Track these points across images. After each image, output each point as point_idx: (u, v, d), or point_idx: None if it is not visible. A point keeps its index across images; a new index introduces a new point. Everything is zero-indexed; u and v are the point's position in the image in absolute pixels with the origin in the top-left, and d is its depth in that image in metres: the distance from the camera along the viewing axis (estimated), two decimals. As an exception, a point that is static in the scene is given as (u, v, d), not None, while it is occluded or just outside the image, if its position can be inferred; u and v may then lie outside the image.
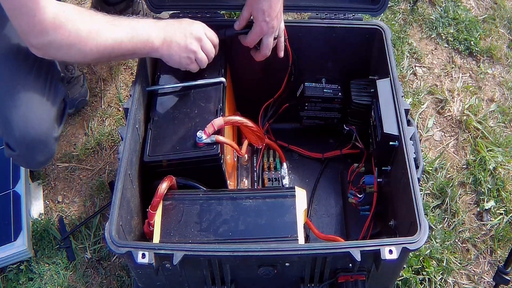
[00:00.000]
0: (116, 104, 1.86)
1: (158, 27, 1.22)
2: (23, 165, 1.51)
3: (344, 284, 1.11)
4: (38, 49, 1.13)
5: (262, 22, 1.28)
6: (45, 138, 1.26)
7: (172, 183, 1.18)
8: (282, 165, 1.54)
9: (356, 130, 1.49)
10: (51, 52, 1.14)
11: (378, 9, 1.41)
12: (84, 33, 1.11)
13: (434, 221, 1.58)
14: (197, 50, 1.25)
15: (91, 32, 1.12)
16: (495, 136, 1.75)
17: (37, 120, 1.23)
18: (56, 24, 1.08)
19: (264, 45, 1.33)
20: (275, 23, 1.30)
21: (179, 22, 1.27)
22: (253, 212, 1.15)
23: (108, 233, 1.03)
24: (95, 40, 1.13)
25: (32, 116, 1.22)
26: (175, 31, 1.23)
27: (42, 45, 1.11)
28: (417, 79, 1.91)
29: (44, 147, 1.27)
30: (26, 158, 1.29)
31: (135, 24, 1.20)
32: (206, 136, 1.19)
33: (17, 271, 1.53)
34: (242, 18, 1.33)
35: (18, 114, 1.21)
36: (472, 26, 2.01)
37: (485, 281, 1.51)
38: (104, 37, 1.14)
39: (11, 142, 1.26)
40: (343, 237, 1.44)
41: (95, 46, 1.13)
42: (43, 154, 1.29)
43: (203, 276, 1.10)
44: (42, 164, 1.35)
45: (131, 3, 1.87)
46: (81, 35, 1.11)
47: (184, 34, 1.24)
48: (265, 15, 1.27)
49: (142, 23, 1.21)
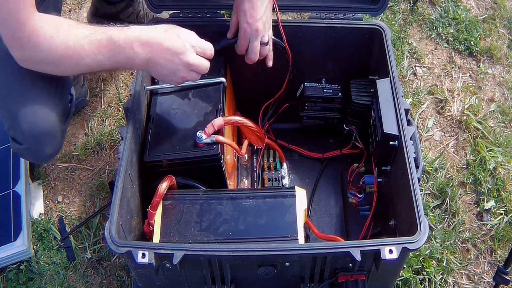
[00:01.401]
0: (116, 104, 1.86)
1: (140, 44, 1.09)
2: (30, 159, 1.49)
3: (344, 284, 1.11)
4: (20, 61, 1.13)
5: (245, 24, 1.27)
6: (53, 130, 1.25)
7: (172, 183, 1.18)
8: (282, 165, 1.54)
9: (356, 130, 1.49)
10: (31, 66, 1.15)
11: (378, 9, 1.41)
12: (60, 52, 1.08)
13: (434, 221, 1.58)
14: (187, 75, 1.15)
15: (68, 50, 1.08)
16: (495, 136, 1.75)
17: (45, 112, 1.23)
18: (32, 42, 1.07)
19: (249, 49, 1.31)
20: (260, 25, 1.27)
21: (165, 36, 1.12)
22: (253, 212, 1.15)
23: (108, 232, 1.03)
24: (72, 60, 1.10)
25: (39, 108, 1.22)
26: (160, 53, 1.11)
27: (22, 59, 1.12)
28: (417, 79, 1.91)
29: (52, 139, 1.27)
30: (34, 151, 1.29)
31: (115, 40, 1.09)
32: (206, 136, 1.19)
33: (17, 271, 1.53)
34: (231, 25, 1.32)
35: (25, 108, 1.21)
36: (472, 26, 2.01)
37: (485, 281, 1.51)
38: (79, 56, 1.09)
39: (18, 136, 1.25)
40: (343, 237, 1.44)
41: (73, 65, 1.11)
42: (51, 146, 1.29)
43: (203, 276, 1.10)
44: (50, 157, 1.34)
45: (131, 2, 1.87)
46: (57, 54, 1.09)
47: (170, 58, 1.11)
48: (247, 16, 1.26)
49: (122, 38, 1.09)
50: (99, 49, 1.09)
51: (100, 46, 1.09)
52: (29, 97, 1.22)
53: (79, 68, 1.12)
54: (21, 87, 1.21)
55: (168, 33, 1.12)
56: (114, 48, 1.09)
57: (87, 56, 1.09)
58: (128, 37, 1.10)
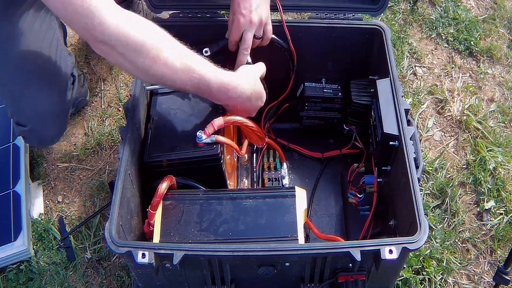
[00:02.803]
0: (116, 104, 1.86)
1: (228, 97, 1.17)
2: (35, 142, 1.48)
3: (344, 284, 1.11)
4: (103, 43, 1.03)
5: (239, 15, 1.26)
6: (55, 109, 1.26)
7: (172, 183, 1.18)
8: (282, 165, 1.54)
9: (356, 130, 1.49)
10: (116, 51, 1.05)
11: (378, 9, 1.41)
12: (148, 44, 1.05)
13: (434, 221, 1.58)
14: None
15: (175, 53, 1.08)
16: (495, 136, 1.75)
17: (47, 92, 1.23)
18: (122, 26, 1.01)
19: (242, 39, 1.30)
20: (254, 17, 1.26)
21: (254, 93, 1.22)
22: (253, 212, 1.15)
23: (108, 232, 1.03)
24: (161, 70, 1.07)
25: (42, 89, 1.23)
26: (244, 103, 1.21)
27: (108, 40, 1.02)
28: (417, 79, 1.91)
29: (56, 118, 1.28)
30: (39, 132, 1.29)
31: (207, 84, 1.13)
32: (206, 136, 1.19)
33: (17, 271, 1.53)
34: (229, 24, 1.32)
35: (28, 90, 1.22)
36: (472, 26, 2.01)
37: (485, 281, 1.51)
38: (172, 73, 1.08)
39: (22, 118, 1.26)
40: (343, 237, 1.44)
41: (163, 65, 1.07)
42: (56, 126, 1.29)
43: (203, 276, 1.10)
44: (54, 138, 1.34)
45: (131, 4, 1.87)
46: (147, 43, 1.05)
47: (253, 106, 1.25)
48: (240, 7, 1.25)
49: (216, 85, 1.14)
50: (188, 77, 1.10)
51: (190, 76, 1.10)
52: (31, 81, 1.22)
53: (165, 79, 1.10)
54: (23, 72, 1.21)
55: (254, 95, 1.23)
56: (202, 88, 1.13)
57: (177, 78, 1.09)
58: (220, 86, 1.14)
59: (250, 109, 1.25)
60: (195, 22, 1.40)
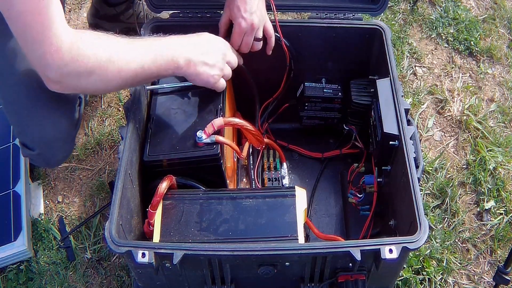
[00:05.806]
0: (116, 104, 1.86)
1: (180, 45, 1.16)
2: (42, 164, 1.49)
3: (344, 284, 1.11)
4: (56, 83, 1.05)
5: (239, 19, 1.25)
6: (64, 135, 1.25)
7: (172, 182, 1.18)
8: (282, 165, 1.54)
9: (356, 130, 1.49)
10: (70, 83, 1.06)
11: (378, 9, 1.41)
12: (104, 58, 1.04)
13: (434, 221, 1.58)
14: (224, 67, 1.22)
15: (111, 56, 1.05)
16: (495, 136, 1.75)
17: (55, 118, 1.22)
18: (74, 51, 1.01)
19: (242, 43, 1.30)
20: (255, 19, 1.26)
21: (200, 38, 1.21)
22: (253, 212, 1.15)
23: (108, 232, 1.03)
24: (117, 65, 1.06)
25: (49, 114, 1.21)
26: (201, 49, 1.18)
27: (61, 76, 1.03)
28: (417, 79, 1.91)
29: (64, 144, 1.27)
30: (46, 157, 1.29)
31: (156, 45, 1.13)
32: (206, 136, 1.19)
33: (17, 271, 1.53)
34: (220, 25, 1.32)
35: (35, 114, 1.20)
36: (472, 26, 2.01)
37: (485, 281, 1.51)
38: (125, 61, 1.07)
39: (29, 142, 1.25)
40: (343, 236, 1.44)
41: (117, 71, 1.07)
42: (63, 151, 1.29)
43: (203, 275, 1.10)
44: (61, 161, 1.35)
45: (131, 4, 1.87)
46: (101, 61, 1.04)
47: (211, 51, 1.19)
48: (241, 11, 1.25)
49: (163, 42, 1.15)
50: (142, 50, 1.10)
51: (143, 48, 1.11)
52: (38, 104, 1.21)
53: (123, 77, 1.08)
54: (30, 93, 1.20)
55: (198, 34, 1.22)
56: (155, 48, 1.12)
57: (132, 61, 1.08)
58: (165, 39, 1.16)
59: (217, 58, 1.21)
60: (195, 22, 1.40)
